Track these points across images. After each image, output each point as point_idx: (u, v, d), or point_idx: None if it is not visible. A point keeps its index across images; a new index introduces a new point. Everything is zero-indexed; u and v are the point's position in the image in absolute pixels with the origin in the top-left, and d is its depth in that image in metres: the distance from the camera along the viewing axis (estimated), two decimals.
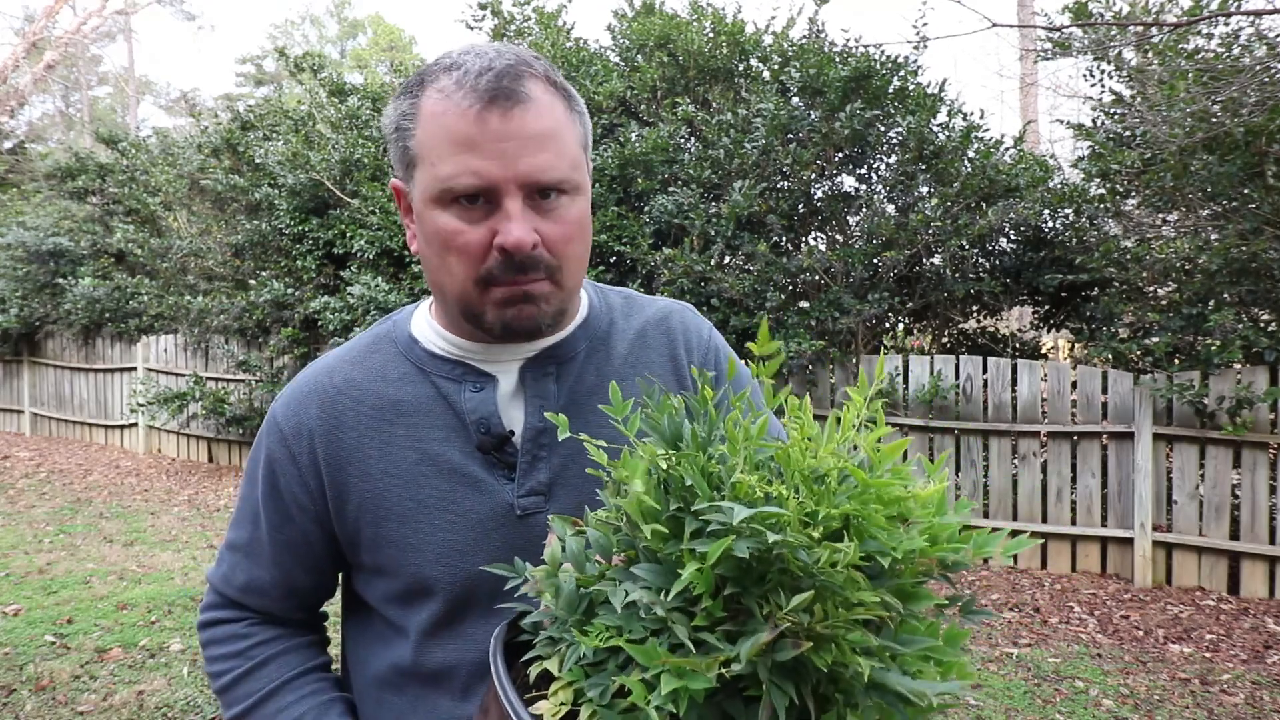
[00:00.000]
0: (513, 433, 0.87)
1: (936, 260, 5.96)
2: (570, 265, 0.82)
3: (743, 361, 0.66)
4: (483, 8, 7.53)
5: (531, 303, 0.80)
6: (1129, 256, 5.23)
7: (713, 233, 5.81)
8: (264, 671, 0.89)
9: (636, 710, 0.46)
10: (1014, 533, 0.51)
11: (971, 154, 5.89)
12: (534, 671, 0.54)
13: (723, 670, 0.44)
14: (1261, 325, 4.87)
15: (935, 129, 5.89)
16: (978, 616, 0.52)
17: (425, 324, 0.92)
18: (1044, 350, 7.50)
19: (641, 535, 0.52)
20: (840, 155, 6.30)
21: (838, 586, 0.45)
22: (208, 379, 8.46)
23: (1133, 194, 5.67)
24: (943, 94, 6.08)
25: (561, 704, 0.50)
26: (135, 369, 9.35)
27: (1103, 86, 5.72)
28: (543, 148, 0.77)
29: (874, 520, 0.47)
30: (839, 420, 0.55)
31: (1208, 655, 3.81)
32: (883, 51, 6.06)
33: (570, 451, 0.87)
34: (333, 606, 1.00)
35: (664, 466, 0.53)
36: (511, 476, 0.86)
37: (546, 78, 0.81)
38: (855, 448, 0.54)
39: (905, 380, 5.48)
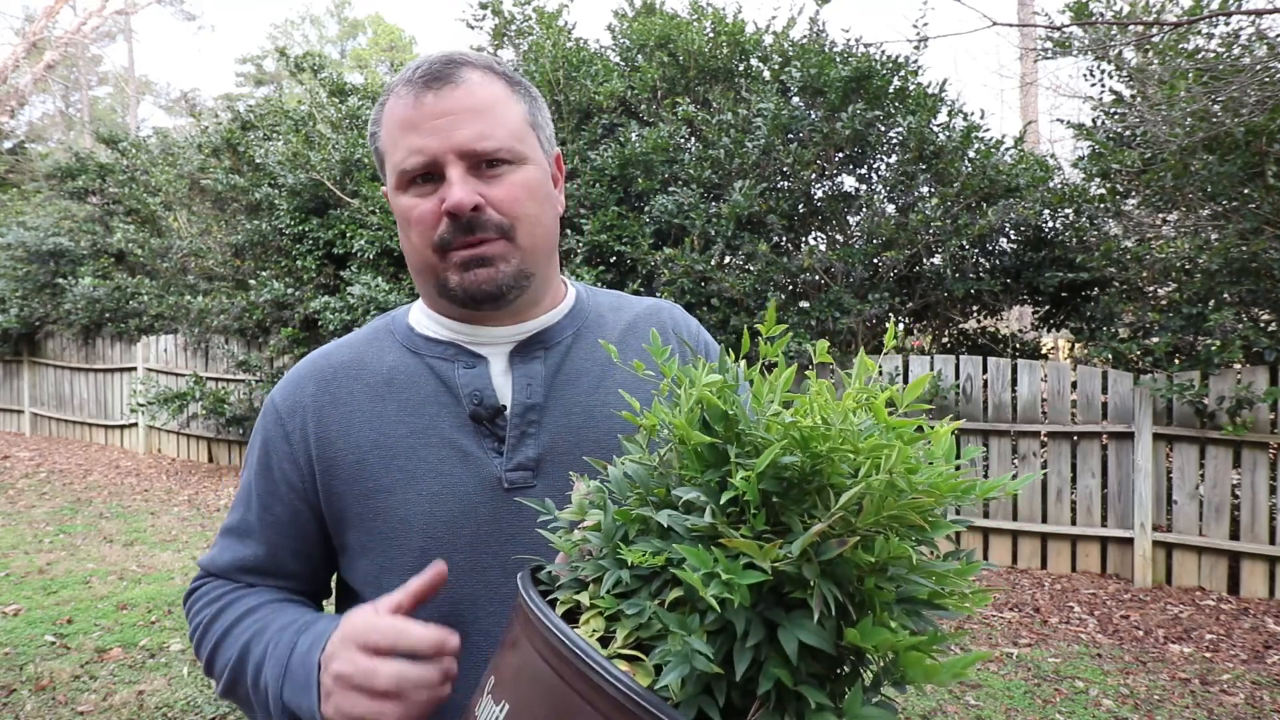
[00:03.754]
0: (505, 406, 0.89)
1: (936, 260, 5.96)
2: (524, 224, 0.86)
3: (750, 344, 0.69)
4: (483, 7, 7.53)
5: (489, 264, 0.84)
6: (1129, 256, 5.23)
7: (713, 233, 5.81)
8: (241, 602, 0.89)
9: (684, 618, 0.48)
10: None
11: (972, 154, 5.89)
12: (560, 610, 0.55)
13: (775, 563, 0.46)
14: (1261, 325, 4.87)
15: (935, 129, 5.89)
16: (979, 566, 0.54)
17: (420, 313, 0.96)
18: (1044, 350, 7.49)
19: (691, 450, 0.54)
20: (840, 155, 6.30)
21: (879, 495, 0.47)
22: (208, 379, 8.46)
23: (1133, 194, 5.68)
24: (943, 94, 6.08)
25: (594, 631, 0.51)
26: (135, 369, 9.35)
27: (1103, 86, 5.72)
28: (476, 120, 0.83)
29: (900, 454, 0.49)
30: (856, 373, 0.59)
31: (1208, 655, 3.81)
32: (883, 51, 6.07)
33: (559, 430, 0.89)
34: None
35: (720, 379, 0.55)
36: (501, 450, 0.87)
37: (486, 66, 0.88)
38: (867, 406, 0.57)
39: (905, 380, 5.48)
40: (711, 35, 6.74)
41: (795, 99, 6.17)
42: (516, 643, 0.56)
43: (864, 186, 6.42)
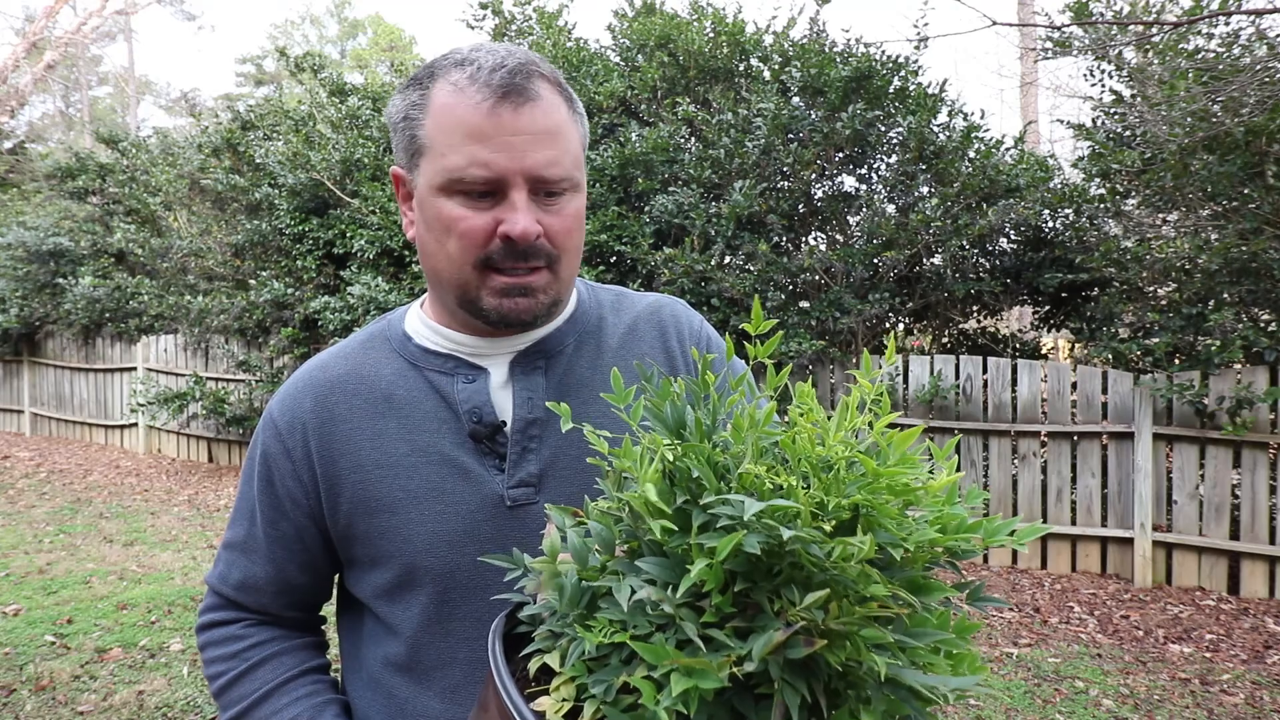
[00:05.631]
0: (504, 423, 0.87)
1: (937, 260, 5.96)
2: (568, 257, 0.85)
3: (739, 348, 0.66)
4: (484, 7, 7.53)
5: (530, 295, 0.83)
6: (1129, 256, 5.22)
7: (713, 232, 5.81)
8: (259, 673, 0.89)
9: (642, 709, 0.46)
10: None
11: (972, 154, 5.89)
12: (534, 666, 0.53)
13: (734, 669, 0.44)
14: (1261, 325, 4.87)
15: (936, 129, 5.89)
16: (986, 604, 0.51)
17: (418, 320, 0.93)
18: (1044, 350, 7.49)
19: (648, 529, 0.51)
20: (840, 155, 6.30)
21: (850, 582, 0.45)
22: (208, 379, 8.46)
23: (1133, 194, 5.67)
24: (943, 94, 6.08)
25: (564, 700, 0.49)
26: (135, 369, 9.35)
27: (1103, 86, 5.72)
28: (549, 144, 0.80)
29: (885, 511, 0.46)
30: (846, 407, 0.54)
31: (1208, 655, 3.80)
32: (883, 51, 6.07)
33: (561, 444, 0.87)
34: (330, 608, 1.00)
35: (670, 458, 0.52)
36: (502, 467, 0.86)
37: (553, 79, 0.84)
38: (863, 431, 0.53)
39: (905, 380, 5.48)
40: (711, 35, 6.73)
41: (795, 99, 6.16)
42: (487, 708, 0.55)
43: (864, 186, 6.42)
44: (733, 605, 0.47)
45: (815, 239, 6.51)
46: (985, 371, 5.28)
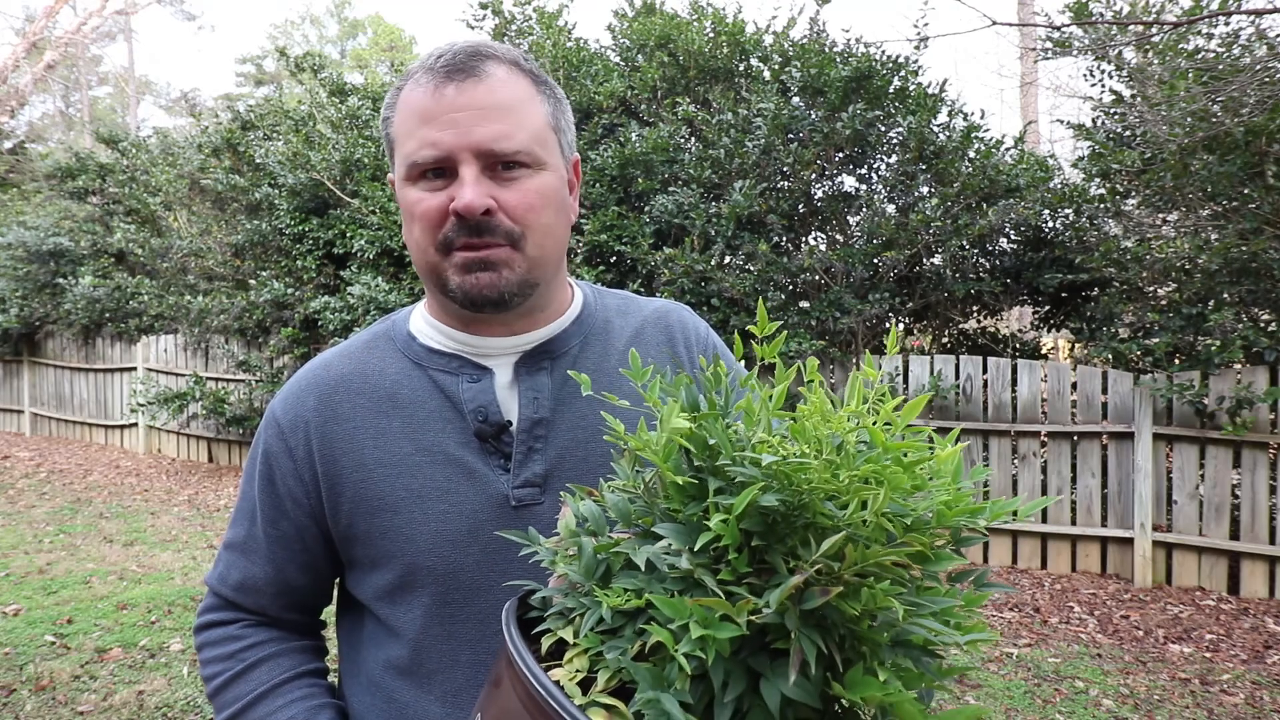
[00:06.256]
0: (510, 423, 0.87)
1: (937, 260, 5.96)
2: (535, 234, 0.83)
3: (745, 349, 0.67)
4: (483, 7, 7.52)
5: (491, 269, 0.81)
6: (1129, 256, 5.22)
7: (713, 233, 5.81)
8: (254, 674, 0.88)
9: (662, 666, 0.46)
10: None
11: (972, 154, 5.89)
12: (546, 643, 0.54)
13: (751, 617, 0.44)
14: (1261, 325, 4.87)
15: (936, 129, 5.89)
16: (992, 589, 0.52)
17: (422, 320, 0.93)
18: (1044, 350, 7.49)
19: (669, 485, 0.51)
20: (840, 155, 6.30)
21: (865, 538, 0.45)
22: (208, 379, 8.46)
23: (1133, 194, 5.67)
24: (943, 94, 6.08)
25: (577, 670, 0.50)
26: (135, 369, 9.35)
27: (1103, 86, 5.72)
28: (498, 119, 0.79)
29: (895, 482, 0.46)
30: (853, 389, 0.55)
31: (1208, 655, 3.80)
32: (883, 51, 6.07)
33: (566, 444, 0.87)
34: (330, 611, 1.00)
35: (688, 426, 0.53)
36: (507, 467, 0.86)
37: (512, 61, 0.84)
38: (872, 414, 0.54)
39: (905, 380, 5.48)
40: (711, 35, 6.73)
41: (795, 99, 6.16)
42: (500, 682, 0.55)
43: (864, 186, 6.42)
44: (749, 566, 0.48)
45: (815, 239, 6.51)
46: (985, 371, 5.28)
